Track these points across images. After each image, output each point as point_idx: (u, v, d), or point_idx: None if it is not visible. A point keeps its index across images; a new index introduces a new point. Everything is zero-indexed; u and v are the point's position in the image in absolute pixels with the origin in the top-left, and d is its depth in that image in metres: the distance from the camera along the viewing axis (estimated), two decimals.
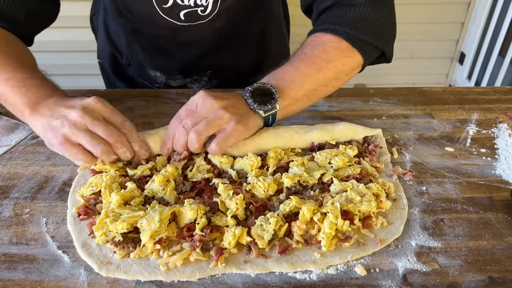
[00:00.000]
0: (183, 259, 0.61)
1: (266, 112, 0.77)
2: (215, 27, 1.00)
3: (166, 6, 0.93)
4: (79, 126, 0.69)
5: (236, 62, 1.15)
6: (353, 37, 0.82)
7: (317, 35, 0.85)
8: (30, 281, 0.59)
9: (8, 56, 0.79)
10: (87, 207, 0.68)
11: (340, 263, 0.62)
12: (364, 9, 0.83)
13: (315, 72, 0.81)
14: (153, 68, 1.14)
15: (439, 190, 0.75)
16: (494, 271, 0.61)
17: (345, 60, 0.83)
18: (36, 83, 0.77)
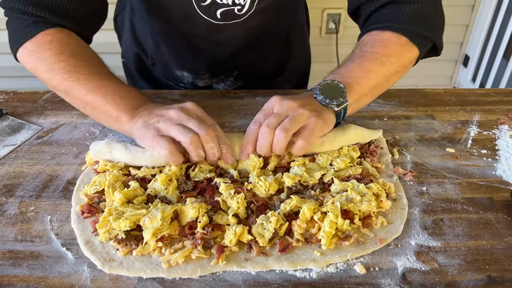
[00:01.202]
0: (185, 256, 0.62)
1: (339, 106, 0.78)
2: (247, 27, 1.01)
3: (205, 4, 0.94)
4: (173, 120, 0.72)
5: (262, 63, 1.17)
6: (411, 32, 0.86)
7: (374, 33, 0.89)
8: (34, 277, 0.60)
9: (90, 62, 0.82)
10: (91, 205, 0.69)
11: (340, 261, 0.62)
12: (417, 5, 0.87)
13: (378, 67, 0.83)
14: (180, 68, 1.15)
15: (439, 190, 0.75)
16: (493, 270, 0.61)
17: (405, 54, 0.86)
18: (128, 92, 0.80)
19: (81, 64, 0.80)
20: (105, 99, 0.77)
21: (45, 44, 0.80)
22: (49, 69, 0.80)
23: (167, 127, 0.72)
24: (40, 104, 0.98)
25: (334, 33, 2.47)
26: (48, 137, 0.87)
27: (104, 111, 0.78)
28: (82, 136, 0.87)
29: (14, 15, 0.83)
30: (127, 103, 0.78)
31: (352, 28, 2.44)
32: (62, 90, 0.81)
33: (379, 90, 0.87)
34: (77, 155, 0.82)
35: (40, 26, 0.81)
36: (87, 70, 0.79)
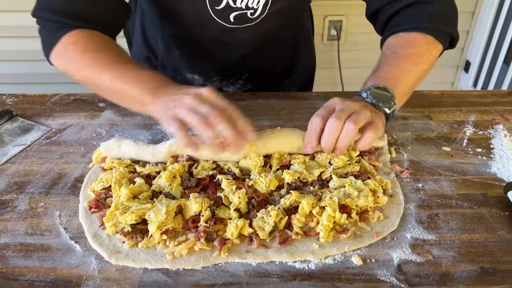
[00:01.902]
0: (188, 248, 0.64)
1: (390, 108, 0.81)
2: (259, 31, 1.05)
3: (219, 7, 0.97)
4: (187, 106, 0.74)
5: (271, 66, 1.21)
6: (436, 30, 0.91)
7: (401, 35, 0.93)
8: (44, 268, 0.62)
9: (112, 54, 0.86)
10: (98, 201, 0.72)
11: (338, 253, 0.65)
12: (438, 4, 0.93)
13: (413, 67, 0.88)
14: (191, 71, 1.18)
15: (435, 187, 0.77)
16: (486, 262, 0.63)
17: (433, 52, 0.91)
18: (148, 75, 0.82)
19: (104, 57, 0.84)
20: (129, 85, 0.80)
21: (70, 44, 0.85)
22: (77, 66, 0.85)
23: (180, 112, 0.73)
24: (48, 106, 1.01)
25: (336, 40, 2.50)
26: (57, 137, 0.90)
27: (129, 97, 0.81)
28: (89, 137, 0.90)
29: (43, 23, 0.89)
30: (148, 86, 0.80)
31: (353, 34, 2.48)
32: (92, 83, 0.85)
33: (413, 89, 0.91)
34: (85, 154, 0.85)
35: (64, 30, 0.86)
36: (111, 61, 0.83)
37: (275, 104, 1.03)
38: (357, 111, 0.76)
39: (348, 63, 2.55)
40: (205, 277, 0.61)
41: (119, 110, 0.99)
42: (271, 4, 0.98)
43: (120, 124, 0.95)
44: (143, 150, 0.79)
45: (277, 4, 0.99)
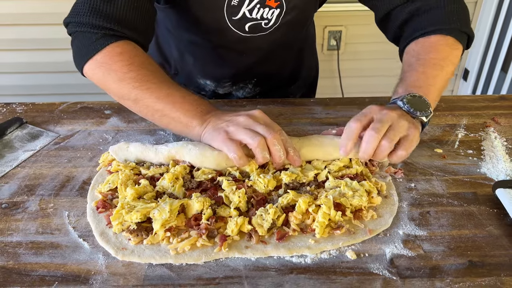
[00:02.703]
0: (191, 244, 0.67)
1: (427, 117, 0.82)
2: (271, 39, 1.09)
3: (236, 18, 1.02)
4: (242, 125, 0.77)
5: (279, 71, 1.26)
6: (455, 30, 0.93)
7: (421, 40, 0.95)
8: (54, 264, 0.66)
9: (156, 72, 0.86)
10: (105, 201, 0.76)
11: (333, 248, 0.68)
12: (450, 5, 0.95)
13: (440, 71, 0.89)
14: (204, 77, 1.23)
15: (426, 186, 0.81)
16: (475, 256, 0.67)
17: (455, 53, 0.93)
18: (196, 100, 0.85)
19: (150, 74, 0.84)
20: (174, 106, 0.82)
21: (116, 55, 0.84)
22: (120, 78, 0.83)
23: (236, 131, 0.77)
24: (56, 114, 1.05)
25: (336, 50, 2.55)
26: (65, 143, 0.94)
27: (173, 118, 0.82)
28: (96, 142, 0.94)
29: (82, 30, 0.86)
30: (196, 109, 0.82)
31: (352, 44, 2.53)
32: (133, 98, 0.83)
33: (442, 92, 0.91)
34: (92, 159, 0.89)
35: (110, 39, 0.84)
36: (156, 80, 0.84)
37: (274, 109, 1.07)
38: (394, 124, 0.77)
39: (348, 72, 2.60)
40: (207, 271, 0.65)
41: (124, 116, 1.03)
42: (284, 14, 1.04)
43: (126, 130, 0.99)
44: (148, 149, 0.84)
45: (290, 14, 1.04)
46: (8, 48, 2.35)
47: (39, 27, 2.21)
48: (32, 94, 2.53)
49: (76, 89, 2.49)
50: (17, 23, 2.27)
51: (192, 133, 0.83)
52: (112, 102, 1.10)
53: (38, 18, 2.23)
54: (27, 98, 2.48)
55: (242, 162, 0.77)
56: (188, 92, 0.86)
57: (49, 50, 2.32)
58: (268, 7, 1.01)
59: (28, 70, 2.45)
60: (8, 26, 2.29)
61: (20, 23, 2.27)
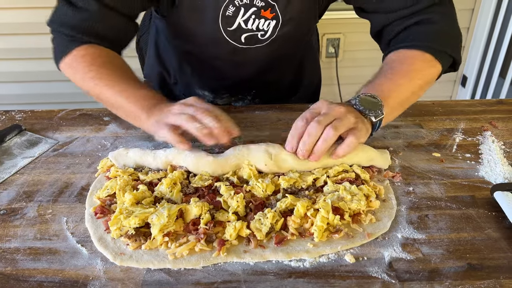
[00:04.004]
0: (189, 249, 0.67)
1: (376, 117, 0.83)
2: (268, 50, 1.09)
3: (231, 29, 1.02)
4: (174, 112, 0.82)
5: (278, 83, 1.26)
6: (435, 49, 0.93)
7: (401, 51, 0.96)
8: (52, 269, 0.66)
9: (116, 70, 0.93)
10: (103, 207, 0.76)
11: (331, 252, 0.68)
12: (440, 25, 0.95)
13: (407, 82, 0.90)
14: (202, 88, 1.24)
15: (425, 190, 0.81)
16: (473, 258, 0.66)
17: (430, 70, 0.93)
18: (146, 95, 0.89)
19: (109, 72, 0.91)
20: (128, 100, 0.88)
21: (79, 57, 0.93)
22: (83, 77, 0.92)
23: (167, 117, 0.82)
24: (55, 121, 1.06)
25: (334, 57, 2.56)
26: (63, 149, 0.95)
27: (127, 110, 0.89)
28: (95, 148, 0.95)
29: (57, 34, 0.97)
30: (146, 103, 0.87)
31: (351, 52, 2.54)
32: (95, 94, 0.92)
33: (408, 103, 0.93)
34: (90, 165, 0.89)
35: (75, 44, 0.94)
36: (114, 77, 0.91)
37: (272, 115, 1.07)
38: (340, 117, 0.79)
39: (347, 80, 2.61)
40: (205, 276, 0.64)
41: (123, 123, 1.03)
42: (281, 26, 1.03)
43: (124, 136, 0.99)
44: (146, 154, 0.85)
45: (287, 27, 1.04)
46: (8, 57, 2.36)
47: (38, 36, 2.21)
48: (31, 103, 2.54)
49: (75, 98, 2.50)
50: (16, 32, 2.28)
51: (143, 126, 0.88)
52: None
53: (37, 28, 2.24)
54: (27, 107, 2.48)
55: (175, 138, 0.80)
56: (142, 87, 0.91)
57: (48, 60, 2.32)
58: (263, 18, 1.01)
59: (27, 79, 2.46)
60: (8, 36, 2.30)
61: (19, 32, 2.28)
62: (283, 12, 1.01)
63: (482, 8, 2.53)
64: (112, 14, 0.95)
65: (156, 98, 0.89)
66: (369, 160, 0.86)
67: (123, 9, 0.96)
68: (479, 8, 2.55)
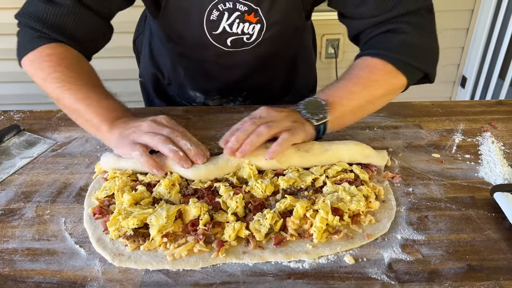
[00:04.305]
0: (188, 250, 0.67)
1: (318, 121, 0.84)
2: (256, 53, 1.08)
3: (216, 33, 1.02)
4: (145, 130, 0.80)
5: (269, 84, 1.25)
6: (398, 60, 0.90)
7: (363, 58, 0.93)
8: (50, 270, 0.65)
9: (82, 75, 0.90)
10: (102, 207, 0.76)
11: (330, 253, 0.68)
12: (409, 36, 0.91)
13: (361, 90, 0.88)
14: (193, 89, 1.23)
15: (424, 190, 0.81)
16: (473, 259, 0.66)
17: (390, 81, 0.90)
18: (110, 106, 0.87)
19: (74, 76, 0.88)
20: (89, 109, 0.84)
21: (45, 56, 0.89)
22: (45, 78, 0.88)
23: (140, 136, 0.79)
24: (54, 121, 1.05)
25: (334, 58, 2.56)
26: (62, 149, 0.94)
27: (87, 120, 0.85)
28: (94, 149, 0.94)
29: (24, 28, 0.93)
30: (108, 115, 0.84)
31: (350, 52, 2.54)
32: (54, 97, 0.88)
33: (363, 112, 0.92)
34: (89, 165, 0.89)
35: (43, 41, 0.90)
36: (78, 82, 0.87)
37: None
38: (276, 119, 0.80)
39: None
40: (204, 277, 0.64)
41: None
42: (266, 29, 1.02)
43: None
44: None
45: (272, 30, 1.03)
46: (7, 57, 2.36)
47: None
48: (30, 103, 2.53)
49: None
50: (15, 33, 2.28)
51: (102, 138, 0.85)
52: None
53: None
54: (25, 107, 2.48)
55: (146, 159, 0.78)
56: (107, 96, 0.88)
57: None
58: (248, 22, 1.00)
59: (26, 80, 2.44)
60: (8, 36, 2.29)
61: None
62: (266, 16, 1.00)
63: (481, 9, 2.54)
64: (87, 12, 0.92)
65: (120, 110, 0.87)
66: (365, 156, 0.85)
67: (100, 8, 0.93)
68: (479, 8, 2.55)
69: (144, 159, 0.78)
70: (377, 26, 0.95)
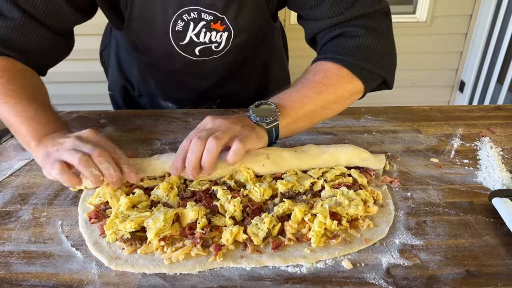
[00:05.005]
0: (185, 254, 0.67)
1: (269, 124, 0.81)
2: (226, 60, 1.07)
3: (183, 43, 1.01)
4: (67, 147, 0.74)
5: (242, 90, 1.23)
6: (353, 64, 0.88)
7: (319, 63, 0.91)
8: (46, 273, 0.65)
9: (24, 89, 0.86)
10: (98, 211, 0.75)
11: (328, 258, 0.67)
12: (363, 39, 0.89)
13: (315, 94, 0.86)
14: (165, 99, 1.21)
15: (423, 195, 0.80)
16: (472, 265, 0.66)
17: (345, 86, 0.88)
18: (45, 120, 0.83)
19: (14, 89, 0.85)
20: (23, 123, 0.81)
21: None
22: None
23: (61, 154, 0.73)
24: None
25: None
26: None
27: (21, 134, 0.82)
28: None
29: None
30: (40, 129, 0.80)
31: None
32: None
33: (317, 117, 0.89)
34: None
35: None
36: (18, 96, 0.84)
37: None
38: (223, 129, 0.77)
39: None
40: (201, 281, 0.64)
41: (120, 126, 1.02)
42: (234, 37, 1.01)
43: (120, 139, 0.98)
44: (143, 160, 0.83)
45: (240, 37, 1.02)
46: None
47: None
48: None
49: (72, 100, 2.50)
50: None
51: (33, 155, 0.81)
52: (108, 111, 1.10)
53: None
54: None
55: (66, 177, 0.73)
56: (47, 111, 0.85)
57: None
58: (215, 31, 0.99)
59: None
60: None
61: None
62: (233, 23, 0.99)
63: (480, 14, 2.55)
64: (36, 26, 0.89)
65: (53, 125, 0.82)
66: (363, 159, 0.85)
67: (51, 22, 0.90)
68: (477, 13, 2.56)
69: (65, 178, 0.73)
70: (332, 28, 0.93)
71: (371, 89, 0.92)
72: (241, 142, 0.76)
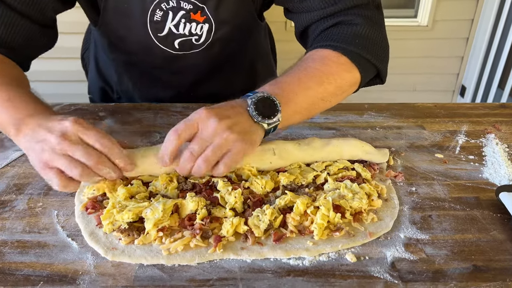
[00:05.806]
0: (184, 245, 0.65)
1: (270, 124, 0.75)
2: (207, 56, 1.04)
3: (161, 35, 0.97)
4: (58, 151, 0.67)
5: (226, 91, 1.15)
6: (352, 52, 0.84)
7: (315, 50, 0.87)
8: (40, 263, 0.63)
9: (5, 78, 0.81)
10: (95, 202, 0.73)
11: (332, 251, 0.65)
12: (361, 28, 0.86)
13: (316, 85, 0.81)
14: (145, 100, 1.17)
15: (428, 190, 0.79)
16: (479, 260, 0.64)
17: (345, 75, 0.84)
18: (22, 102, 0.76)
19: None
20: (1, 107, 0.75)
21: None
22: None
23: (53, 160, 0.67)
24: None
25: None
26: None
27: (1, 122, 0.76)
28: None
29: None
30: (17, 115, 0.74)
31: None
32: None
33: (315, 110, 0.84)
34: None
35: None
36: None
37: None
38: (216, 141, 0.70)
39: None
40: (200, 272, 0.62)
41: (119, 118, 1.01)
42: (215, 30, 0.98)
43: (119, 131, 0.96)
44: None
45: (222, 30, 0.99)
46: None
47: None
48: None
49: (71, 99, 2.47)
50: None
51: (14, 141, 0.75)
52: (107, 105, 1.09)
53: None
54: None
55: (71, 188, 0.69)
56: (21, 94, 0.78)
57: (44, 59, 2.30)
58: (195, 22, 0.96)
59: None
60: None
61: None
62: (214, 14, 0.96)
63: (481, 19, 2.54)
64: (17, 17, 0.85)
65: (31, 106, 0.76)
66: (366, 152, 0.84)
67: (31, 12, 0.86)
68: (479, 18, 2.55)
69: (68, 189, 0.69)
70: (326, 19, 0.90)
71: (365, 82, 0.89)
72: (226, 166, 0.71)
